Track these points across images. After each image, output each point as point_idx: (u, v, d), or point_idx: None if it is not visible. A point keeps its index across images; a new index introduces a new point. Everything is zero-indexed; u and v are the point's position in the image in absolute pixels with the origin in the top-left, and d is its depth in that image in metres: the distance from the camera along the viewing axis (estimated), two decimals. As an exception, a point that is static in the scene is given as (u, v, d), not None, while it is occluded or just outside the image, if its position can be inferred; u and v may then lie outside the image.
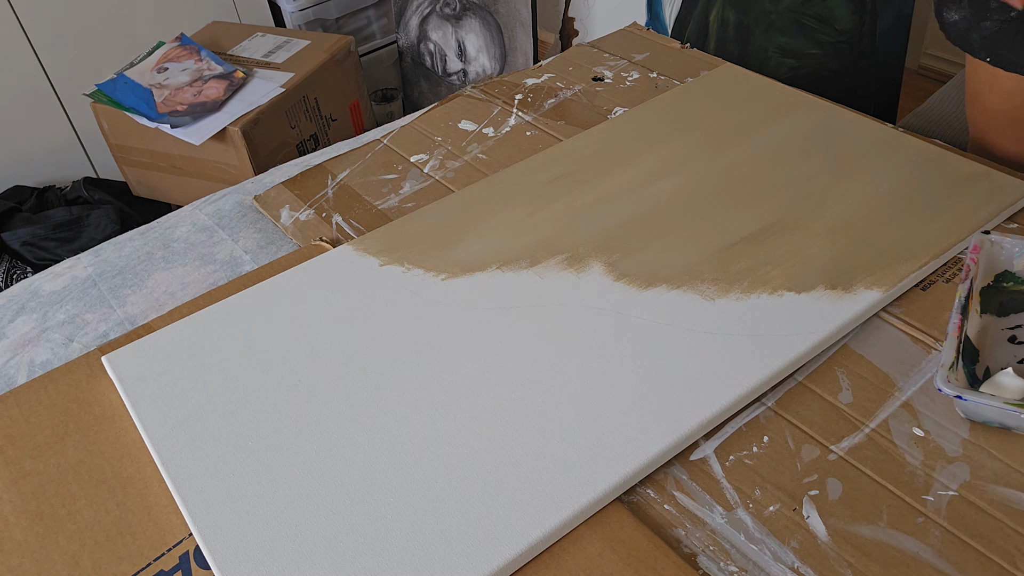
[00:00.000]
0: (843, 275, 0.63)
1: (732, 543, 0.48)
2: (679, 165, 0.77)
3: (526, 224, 0.71)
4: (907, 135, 0.79)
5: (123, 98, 1.42)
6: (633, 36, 1.07)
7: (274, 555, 0.47)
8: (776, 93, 0.87)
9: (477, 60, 1.88)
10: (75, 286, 0.73)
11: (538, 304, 0.62)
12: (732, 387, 0.54)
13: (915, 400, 0.55)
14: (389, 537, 0.47)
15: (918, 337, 0.60)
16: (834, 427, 0.54)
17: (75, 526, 0.50)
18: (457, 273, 0.66)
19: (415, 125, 0.92)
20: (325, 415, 0.55)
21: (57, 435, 0.56)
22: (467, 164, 0.84)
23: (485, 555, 0.46)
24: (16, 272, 1.51)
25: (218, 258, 0.75)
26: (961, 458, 0.51)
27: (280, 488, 0.50)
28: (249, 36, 1.61)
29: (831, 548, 0.47)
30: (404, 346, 0.60)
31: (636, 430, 0.52)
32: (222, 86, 1.43)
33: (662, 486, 0.52)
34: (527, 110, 0.92)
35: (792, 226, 0.68)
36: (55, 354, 0.66)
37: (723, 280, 0.63)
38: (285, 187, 0.83)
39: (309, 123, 1.52)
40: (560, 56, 1.03)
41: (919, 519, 0.48)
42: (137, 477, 0.53)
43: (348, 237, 0.75)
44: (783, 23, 1.29)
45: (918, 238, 0.66)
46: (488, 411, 0.54)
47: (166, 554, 0.49)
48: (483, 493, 0.49)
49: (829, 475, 0.51)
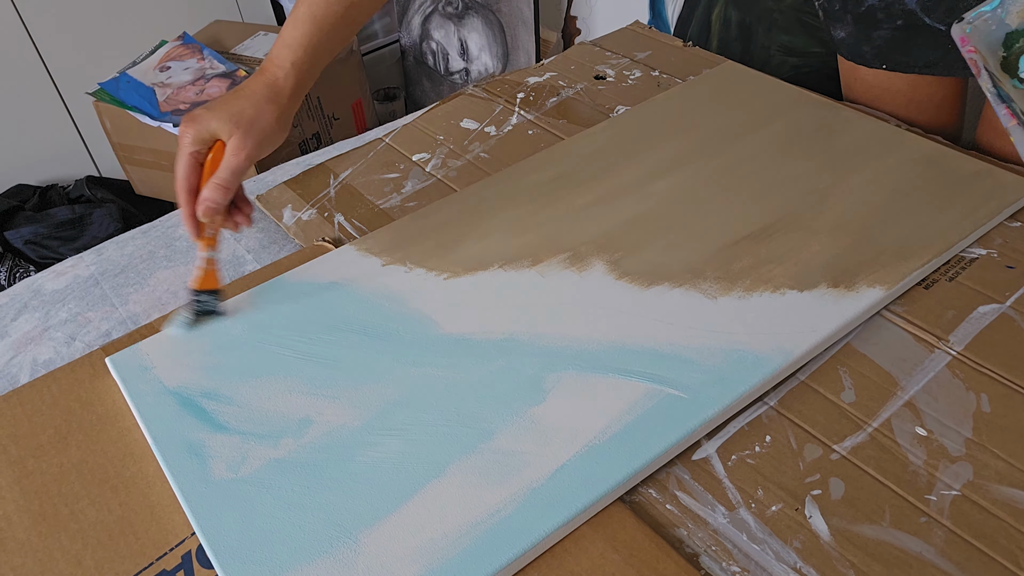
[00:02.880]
0: (845, 273, 0.63)
1: (734, 543, 0.48)
2: (681, 163, 0.77)
3: (528, 223, 0.71)
4: (909, 133, 0.78)
5: (126, 97, 1.43)
6: (635, 34, 1.07)
7: (276, 554, 0.47)
8: (778, 91, 0.87)
9: (479, 59, 1.88)
10: (77, 285, 0.73)
11: (540, 303, 0.62)
12: (734, 386, 0.54)
13: (918, 399, 0.55)
14: (390, 537, 0.47)
15: (921, 336, 0.59)
16: (836, 426, 0.54)
17: (78, 525, 0.51)
18: (460, 272, 0.66)
19: (417, 124, 0.92)
20: (327, 415, 0.55)
21: (60, 434, 0.56)
22: (469, 163, 0.84)
23: (486, 555, 0.46)
24: (19, 271, 1.51)
25: (220, 257, 0.75)
26: (964, 457, 0.51)
27: (282, 488, 0.50)
28: (251, 35, 1.61)
29: (833, 548, 0.47)
30: (407, 349, 0.60)
31: (637, 429, 0.52)
32: (224, 85, 1.43)
33: (664, 486, 0.52)
34: (529, 109, 0.92)
35: (794, 224, 0.68)
36: (57, 353, 0.66)
37: (725, 278, 0.63)
38: (287, 186, 0.83)
39: (311, 122, 1.52)
40: (562, 55, 1.03)
41: (922, 519, 0.48)
42: (140, 476, 0.53)
43: (350, 237, 0.75)
44: (786, 21, 1.29)
45: (920, 236, 0.66)
46: (488, 411, 0.54)
47: (168, 553, 0.49)
48: (484, 493, 0.49)
49: (832, 475, 0.51)
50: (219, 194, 0.58)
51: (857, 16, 0.80)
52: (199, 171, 0.60)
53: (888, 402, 0.55)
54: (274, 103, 0.60)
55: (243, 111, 0.59)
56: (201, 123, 0.59)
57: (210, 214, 0.59)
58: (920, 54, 0.78)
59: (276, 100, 0.60)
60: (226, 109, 0.59)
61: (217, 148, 0.59)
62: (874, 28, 0.79)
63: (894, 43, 0.79)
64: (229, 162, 0.58)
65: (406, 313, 0.62)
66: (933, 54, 0.77)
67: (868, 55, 0.82)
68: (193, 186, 0.59)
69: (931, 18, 0.73)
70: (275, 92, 0.60)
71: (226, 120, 0.58)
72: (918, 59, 0.78)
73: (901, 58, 0.79)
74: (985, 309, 0.61)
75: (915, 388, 0.56)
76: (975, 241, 0.67)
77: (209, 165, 0.59)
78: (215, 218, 0.60)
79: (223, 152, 0.59)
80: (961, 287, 0.63)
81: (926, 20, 0.74)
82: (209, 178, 0.59)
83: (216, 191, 0.58)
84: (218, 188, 0.58)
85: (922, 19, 0.74)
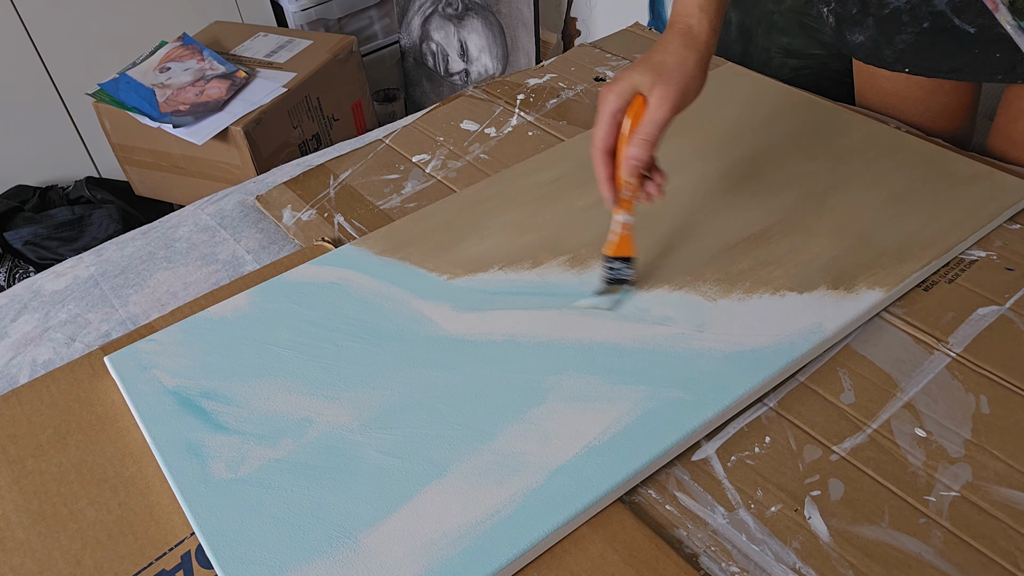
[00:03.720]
0: (845, 275, 0.63)
1: (734, 544, 0.48)
2: (681, 165, 0.77)
3: (528, 224, 0.71)
4: (909, 135, 0.79)
5: (125, 98, 1.42)
6: (635, 36, 1.07)
7: (276, 554, 0.47)
8: (778, 93, 0.87)
9: (479, 60, 1.88)
10: (77, 286, 0.73)
11: (540, 305, 0.62)
12: (734, 387, 0.54)
13: (917, 401, 0.55)
14: (390, 537, 0.47)
15: (920, 337, 0.59)
16: (836, 427, 0.54)
17: (77, 525, 0.50)
18: (459, 273, 0.66)
19: (417, 125, 0.92)
20: (327, 415, 0.55)
21: (59, 434, 0.56)
22: (469, 164, 0.84)
23: (486, 555, 0.46)
24: (18, 271, 1.51)
25: (220, 258, 0.75)
26: (963, 459, 0.51)
27: (282, 488, 0.50)
28: (251, 36, 1.61)
29: (833, 549, 0.47)
30: (407, 349, 0.60)
31: (637, 430, 0.52)
32: (224, 86, 1.43)
33: (664, 486, 0.52)
34: (529, 110, 0.92)
35: (794, 226, 0.68)
36: (57, 353, 0.66)
37: (725, 280, 0.63)
38: (287, 187, 0.83)
39: (311, 123, 1.52)
40: (562, 56, 1.03)
41: (921, 520, 0.48)
42: (139, 476, 0.53)
43: (350, 237, 0.75)
44: (786, 23, 1.29)
45: (920, 238, 0.66)
46: (488, 412, 0.54)
47: (168, 553, 0.49)
48: (484, 493, 0.49)
49: (831, 476, 0.51)
50: (644, 150, 0.56)
51: (880, 19, 0.78)
52: (616, 132, 0.58)
53: (887, 403, 0.55)
54: (693, 48, 0.58)
55: (664, 61, 0.57)
56: (623, 80, 0.57)
57: (635, 172, 0.57)
58: (944, 59, 0.76)
59: (694, 45, 0.58)
60: (646, 63, 0.57)
61: (635, 105, 0.57)
62: (897, 32, 0.77)
63: (918, 47, 0.77)
64: (653, 115, 0.56)
65: (406, 314, 0.62)
66: (960, 59, 0.75)
67: (889, 59, 0.80)
68: (610, 147, 0.58)
69: (961, 19, 0.71)
70: (691, 38, 0.58)
71: (647, 71, 0.57)
72: (942, 64, 0.77)
73: (925, 62, 0.78)
74: (984, 311, 0.61)
75: (914, 389, 0.56)
76: (975, 243, 0.67)
77: (628, 125, 0.57)
78: (635, 180, 0.58)
79: (643, 108, 0.57)
80: (961, 289, 0.63)
81: (955, 21, 0.72)
82: (627, 139, 0.57)
83: (641, 147, 0.56)
84: (643, 143, 0.56)
85: (951, 20, 0.72)
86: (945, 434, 0.53)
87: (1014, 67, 0.73)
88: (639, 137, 0.56)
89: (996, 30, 0.71)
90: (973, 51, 0.74)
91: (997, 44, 0.72)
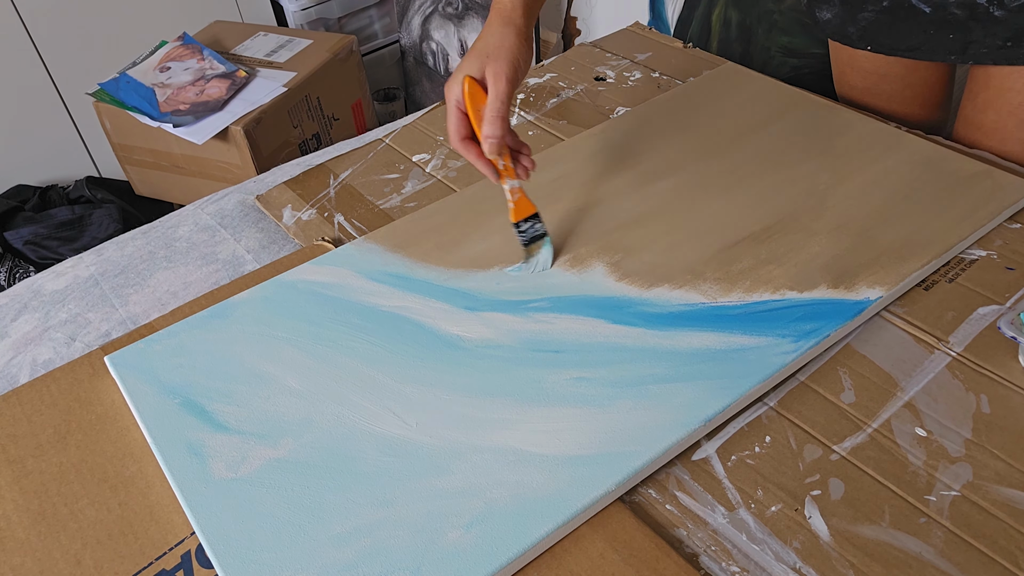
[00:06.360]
0: (845, 274, 0.63)
1: (734, 543, 0.48)
2: (681, 165, 0.77)
3: (528, 224, 0.71)
4: (909, 134, 0.79)
5: (126, 97, 1.42)
6: (635, 36, 1.07)
7: (276, 554, 0.47)
8: (778, 93, 0.87)
9: (479, 59, 1.87)
10: (77, 285, 0.73)
11: (540, 305, 0.62)
12: (734, 386, 0.54)
13: (917, 400, 0.55)
14: (390, 537, 0.47)
15: (920, 337, 0.59)
16: (836, 427, 0.54)
17: (77, 525, 0.50)
18: (459, 273, 0.66)
19: (417, 124, 0.92)
20: (328, 415, 0.55)
21: (59, 434, 0.56)
22: (469, 164, 0.84)
23: (486, 555, 0.46)
24: (19, 271, 1.51)
25: (220, 257, 0.75)
26: (964, 458, 0.51)
27: (282, 488, 0.50)
28: (251, 35, 1.61)
29: (833, 548, 0.47)
30: (407, 349, 0.60)
31: (637, 430, 0.52)
32: (224, 85, 1.43)
33: (664, 486, 0.52)
34: (529, 109, 0.92)
35: (794, 225, 0.68)
36: (57, 353, 0.66)
37: (725, 279, 0.63)
38: (287, 186, 0.83)
39: (311, 122, 1.52)
40: (562, 56, 1.03)
41: (921, 519, 0.48)
42: (139, 476, 0.53)
43: (350, 237, 0.75)
44: (786, 23, 1.29)
45: (920, 237, 0.66)
46: (489, 412, 0.54)
47: (168, 553, 0.49)
48: (484, 493, 0.49)
49: (831, 475, 0.51)
50: (496, 126, 0.60)
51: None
52: (465, 119, 0.62)
53: (888, 403, 0.55)
54: (510, 25, 0.62)
55: (487, 43, 0.61)
56: (457, 73, 0.61)
57: (495, 149, 0.61)
58: (903, 37, 0.79)
59: (511, 22, 0.62)
60: (472, 52, 0.62)
61: (466, 90, 0.60)
62: (861, 9, 0.80)
63: (879, 24, 0.80)
64: (494, 92, 0.60)
65: (405, 313, 0.62)
66: (916, 38, 0.78)
67: (853, 36, 0.83)
68: (465, 134, 0.62)
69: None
70: (506, 16, 0.63)
71: (475, 58, 0.61)
72: (900, 42, 0.80)
73: (885, 40, 0.81)
74: (985, 310, 0.61)
75: (915, 389, 0.56)
76: (975, 242, 0.67)
77: (469, 107, 0.61)
78: (502, 157, 0.62)
79: (478, 90, 0.61)
80: (961, 288, 0.63)
81: (912, 1, 0.75)
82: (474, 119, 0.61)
83: (493, 123, 0.60)
84: (494, 119, 0.60)
85: (908, 0, 0.76)
86: (945, 433, 0.53)
87: (965, 48, 0.75)
88: (489, 115, 0.60)
89: (949, 11, 0.74)
90: (928, 31, 0.77)
91: (950, 24, 0.75)
